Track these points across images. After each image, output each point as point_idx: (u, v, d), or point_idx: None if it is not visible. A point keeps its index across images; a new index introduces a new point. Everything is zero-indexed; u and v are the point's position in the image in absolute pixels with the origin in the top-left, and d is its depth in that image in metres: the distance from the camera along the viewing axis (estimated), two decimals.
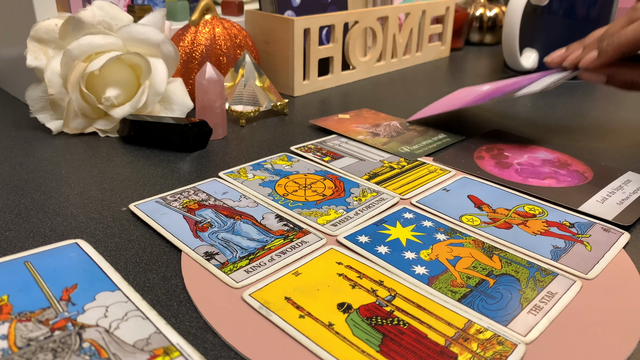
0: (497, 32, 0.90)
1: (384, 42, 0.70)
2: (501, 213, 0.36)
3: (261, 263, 0.30)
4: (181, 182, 0.40)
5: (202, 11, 0.55)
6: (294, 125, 0.52)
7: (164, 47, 0.49)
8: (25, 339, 0.24)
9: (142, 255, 0.31)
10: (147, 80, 0.48)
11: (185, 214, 0.35)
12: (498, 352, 0.24)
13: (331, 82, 0.65)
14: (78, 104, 0.47)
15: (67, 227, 0.33)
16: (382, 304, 0.27)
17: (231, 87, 0.53)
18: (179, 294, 0.28)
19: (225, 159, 0.44)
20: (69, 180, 0.40)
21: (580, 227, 0.34)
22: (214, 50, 0.55)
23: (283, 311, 0.26)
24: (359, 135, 0.49)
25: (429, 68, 0.75)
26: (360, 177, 0.41)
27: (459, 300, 0.27)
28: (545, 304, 0.27)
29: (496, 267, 0.30)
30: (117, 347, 0.23)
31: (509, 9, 0.64)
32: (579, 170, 0.42)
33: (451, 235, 0.33)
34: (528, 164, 0.43)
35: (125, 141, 0.47)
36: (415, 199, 0.38)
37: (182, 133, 0.44)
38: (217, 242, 0.32)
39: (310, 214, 0.35)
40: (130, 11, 0.57)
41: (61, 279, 0.28)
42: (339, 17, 0.62)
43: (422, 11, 0.73)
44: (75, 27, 0.46)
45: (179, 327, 0.25)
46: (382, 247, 0.32)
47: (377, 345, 0.24)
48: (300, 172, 0.41)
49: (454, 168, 0.43)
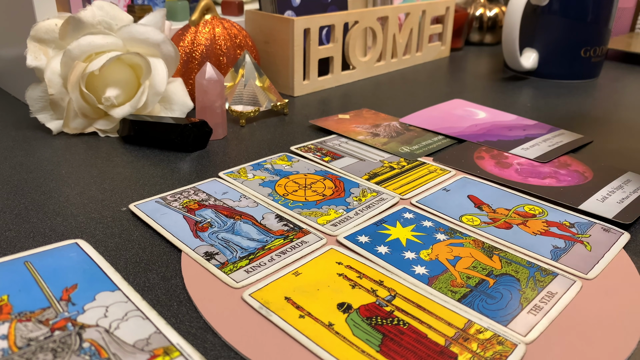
0: (497, 32, 0.90)
1: (384, 42, 0.70)
2: (501, 213, 0.36)
3: (261, 263, 0.30)
4: (181, 182, 0.40)
5: (202, 11, 0.55)
6: (294, 125, 0.52)
7: (164, 47, 0.49)
8: (25, 339, 0.24)
9: (142, 255, 0.31)
10: (147, 80, 0.48)
11: (185, 214, 0.35)
12: (498, 352, 0.24)
13: (331, 82, 0.65)
14: (78, 104, 0.47)
15: (67, 227, 0.33)
16: (382, 304, 0.27)
17: (231, 87, 0.53)
18: (179, 294, 0.28)
19: (225, 159, 0.44)
20: (69, 180, 0.40)
21: (580, 227, 0.34)
22: (214, 50, 0.55)
23: (283, 311, 0.26)
24: (359, 136, 0.49)
25: (429, 68, 0.75)
26: (360, 177, 0.41)
27: (459, 300, 0.27)
28: (545, 304, 0.27)
29: (496, 267, 0.30)
30: (117, 347, 0.23)
31: (509, 9, 0.64)
32: (579, 171, 0.42)
33: (451, 235, 0.33)
34: (528, 164, 0.43)
35: (125, 141, 0.47)
36: (415, 199, 0.38)
37: (182, 133, 0.44)
38: (217, 242, 0.32)
39: (310, 214, 0.35)
40: (130, 11, 0.57)
41: (61, 279, 0.28)
42: (339, 17, 0.62)
43: (422, 11, 0.73)
44: (75, 27, 0.46)
45: (179, 327, 0.25)
46: (382, 247, 0.32)
47: (377, 345, 0.24)
48: (300, 172, 0.41)
49: (454, 168, 0.43)
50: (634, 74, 0.73)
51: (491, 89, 0.65)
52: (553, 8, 0.66)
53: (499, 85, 0.67)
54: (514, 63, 0.68)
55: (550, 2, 0.66)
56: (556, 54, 0.68)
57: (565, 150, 0.46)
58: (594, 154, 0.46)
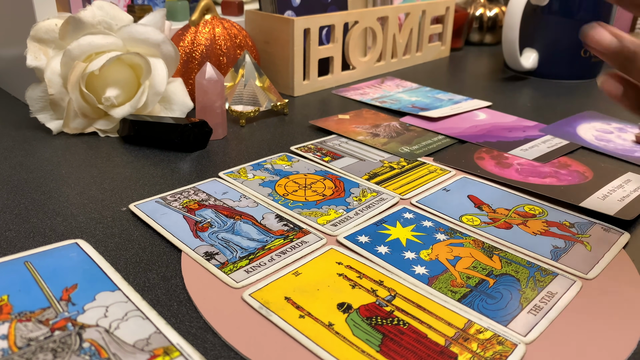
0: (497, 32, 0.90)
1: (384, 42, 0.70)
2: (501, 213, 0.36)
3: (261, 263, 0.30)
4: (181, 182, 0.40)
5: (202, 11, 0.55)
6: (294, 125, 0.52)
7: (164, 47, 0.49)
8: (25, 339, 0.24)
9: (142, 255, 0.31)
10: (147, 80, 0.48)
11: (185, 214, 0.35)
12: (498, 352, 0.24)
13: (331, 82, 0.65)
14: (78, 104, 0.47)
15: (67, 227, 0.33)
16: (382, 304, 0.27)
17: (231, 87, 0.53)
18: (179, 294, 0.28)
19: (225, 159, 0.44)
20: (69, 180, 0.40)
21: (580, 227, 0.34)
22: (214, 50, 0.55)
23: (283, 311, 0.26)
24: (359, 136, 0.49)
25: (429, 68, 0.75)
26: (360, 177, 0.41)
27: (459, 300, 0.27)
28: (545, 304, 0.27)
29: (496, 267, 0.30)
30: (117, 347, 0.23)
31: (509, 9, 0.64)
32: (579, 171, 0.42)
33: (451, 235, 0.33)
34: (528, 164, 0.43)
35: (125, 141, 0.47)
36: (415, 199, 0.38)
37: (182, 133, 0.44)
38: (217, 242, 0.32)
39: (310, 214, 0.35)
40: (130, 11, 0.57)
41: (61, 279, 0.28)
42: (339, 17, 0.62)
43: (422, 11, 0.73)
44: (75, 27, 0.46)
45: (179, 327, 0.25)
46: (382, 247, 0.32)
47: (377, 345, 0.24)
48: (300, 172, 0.41)
49: (454, 168, 0.43)
50: None
51: (491, 89, 0.65)
52: (553, 8, 0.66)
53: (499, 85, 0.67)
54: (514, 63, 0.68)
55: (550, 2, 0.66)
56: (556, 54, 0.68)
57: (565, 152, 0.46)
58: (594, 155, 0.46)
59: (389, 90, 0.63)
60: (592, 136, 0.49)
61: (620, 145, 0.48)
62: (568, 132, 0.50)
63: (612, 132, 0.50)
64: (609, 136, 0.49)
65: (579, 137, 0.49)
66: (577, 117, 0.54)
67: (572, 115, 0.55)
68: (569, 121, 0.53)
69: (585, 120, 0.54)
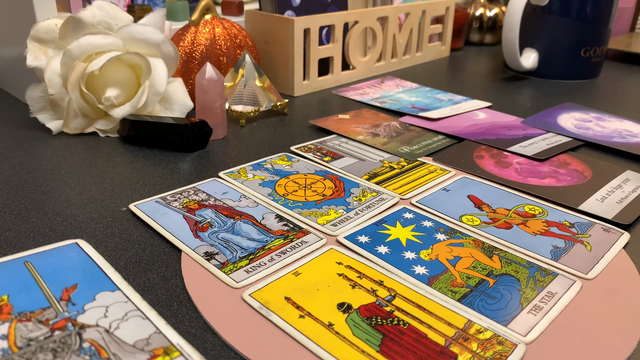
0: (497, 32, 0.90)
1: (384, 42, 0.70)
2: (501, 213, 0.36)
3: (261, 263, 0.30)
4: (181, 182, 0.40)
5: (202, 11, 0.55)
6: (293, 125, 0.52)
7: (164, 47, 0.49)
8: (25, 339, 0.24)
9: (142, 255, 0.31)
10: (147, 80, 0.48)
11: (185, 214, 0.35)
12: (498, 352, 0.24)
13: (331, 82, 0.65)
14: (78, 104, 0.47)
15: (67, 227, 0.33)
16: (382, 304, 0.27)
17: (231, 87, 0.53)
18: (179, 294, 0.28)
19: (225, 159, 0.44)
20: (69, 180, 0.40)
21: (580, 227, 0.34)
22: (214, 50, 0.55)
23: (283, 311, 0.26)
24: (359, 136, 0.49)
25: (429, 68, 0.75)
26: (360, 177, 0.41)
27: (459, 300, 0.27)
28: (545, 304, 0.27)
29: (496, 267, 0.30)
30: (117, 347, 0.23)
31: (509, 9, 0.64)
32: (578, 170, 0.42)
33: (451, 235, 0.33)
34: (528, 163, 0.43)
35: (125, 141, 0.47)
36: (415, 199, 0.38)
37: (182, 133, 0.44)
38: (217, 242, 0.32)
39: (310, 214, 0.35)
40: (130, 11, 0.57)
41: (61, 279, 0.28)
42: (339, 17, 0.62)
43: (422, 11, 0.73)
44: (75, 27, 0.46)
45: (179, 327, 0.25)
46: (382, 247, 0.32)
47: (377, 345, 0.24)
48: (300, 172, 0.41)
49: (454, 168, 0.43)
50: (634, 74, 0.73)
51: (491, 89, 0.65)
52: (553, 8, 0.66)
53: (499, 85, 0.67)
54: (514, 63, 0.68)
55: (550, 2, 0.66)
56: (556, 54, 0.68)
57: (564, 149, 0.46)
58: (593, 153, 0.46)
59: (388, 90, 0.63)
60: (572, 125, 0.50)
61: (599, 132, 0.49)
62: (549, 123, 0.51)
63: (591, 121, 0.52)
64: (588, 124, 0.51)
65: (559, 127, 0.50)
66: (557, 108, 0.55)
67: (552, 107, 0.56)
68: (549, 112, 0.54)
69: (565, 110, 0.55)
